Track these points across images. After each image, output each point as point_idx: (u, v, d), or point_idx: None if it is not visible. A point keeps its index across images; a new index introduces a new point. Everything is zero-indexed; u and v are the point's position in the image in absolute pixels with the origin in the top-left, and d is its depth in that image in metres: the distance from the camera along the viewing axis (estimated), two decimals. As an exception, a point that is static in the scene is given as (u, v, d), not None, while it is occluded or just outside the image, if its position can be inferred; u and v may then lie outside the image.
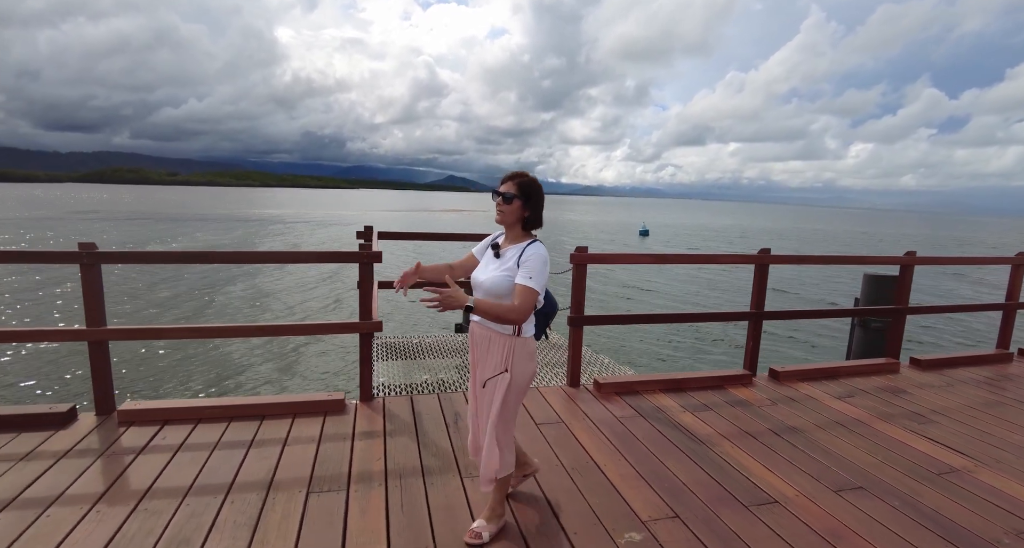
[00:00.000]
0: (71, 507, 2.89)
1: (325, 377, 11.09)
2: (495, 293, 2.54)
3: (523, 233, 2.66)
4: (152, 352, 11.97)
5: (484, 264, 2.70)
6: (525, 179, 2.60)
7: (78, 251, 3.73)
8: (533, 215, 2.63)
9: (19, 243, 32.74)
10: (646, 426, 4.17)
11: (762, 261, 5.17)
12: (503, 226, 2.67)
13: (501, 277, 2.53)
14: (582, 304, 4.69)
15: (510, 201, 2.58)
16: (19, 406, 4.00)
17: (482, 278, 2.61)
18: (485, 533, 2.69)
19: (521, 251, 2.55)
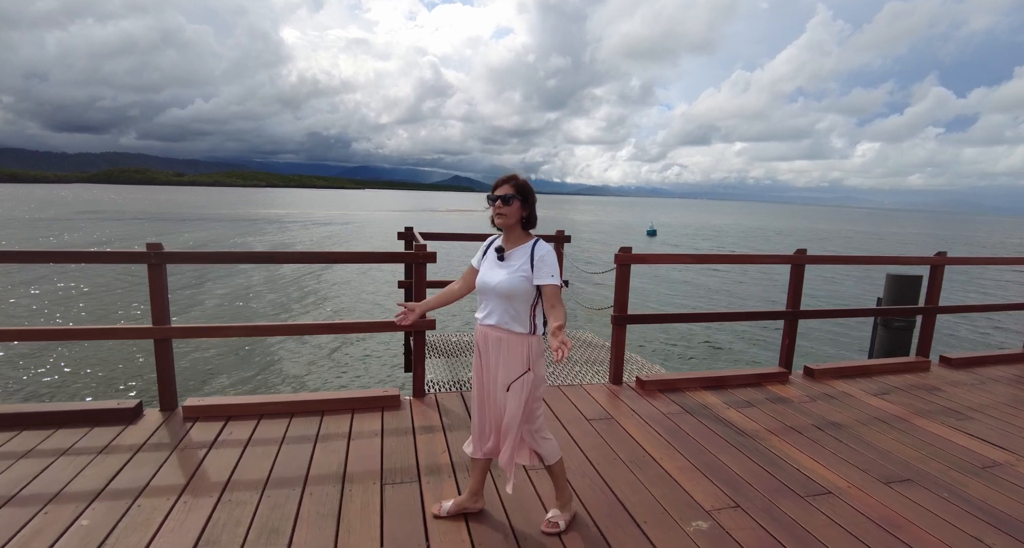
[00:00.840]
0: (158, 498, 3.02)
1: (371, 373, 11.21)
2: (509, 294, 2.58)
3: (523, 233, 2.72)
4: (196, 350, 12.12)
5: (489, 267, 2.71)
6: (519, 180, 2.65)
7: (146, 251, 3.87)
8: (530, 214, 2.69)
9: (44, 243, 33.01)
10: (693, 422, 4.29)
11: (798, 261, 5.27)
12: (504, 228, 2.70)
13: (517, 279, 2.57)
14: (626, 304, 4.81)
15: (510, 202, 2.61)
16: (89, 402, 4.13)
17: (494, 282, 2.62)
18: (561, 522, 2.80)
19: (530, 251, 2.61)
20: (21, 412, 3.89)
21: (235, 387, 10.34)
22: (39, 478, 3.19)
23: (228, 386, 10.30)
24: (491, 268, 2.70)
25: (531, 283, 2.58)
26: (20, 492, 3.05)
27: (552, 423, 4.13)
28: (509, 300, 2.60)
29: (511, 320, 2.62)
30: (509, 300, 2.60)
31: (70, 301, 16.70)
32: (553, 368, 5.48)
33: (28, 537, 2.65)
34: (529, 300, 2.63)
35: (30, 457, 3.43)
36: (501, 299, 2.61)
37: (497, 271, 2.65)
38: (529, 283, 2.58)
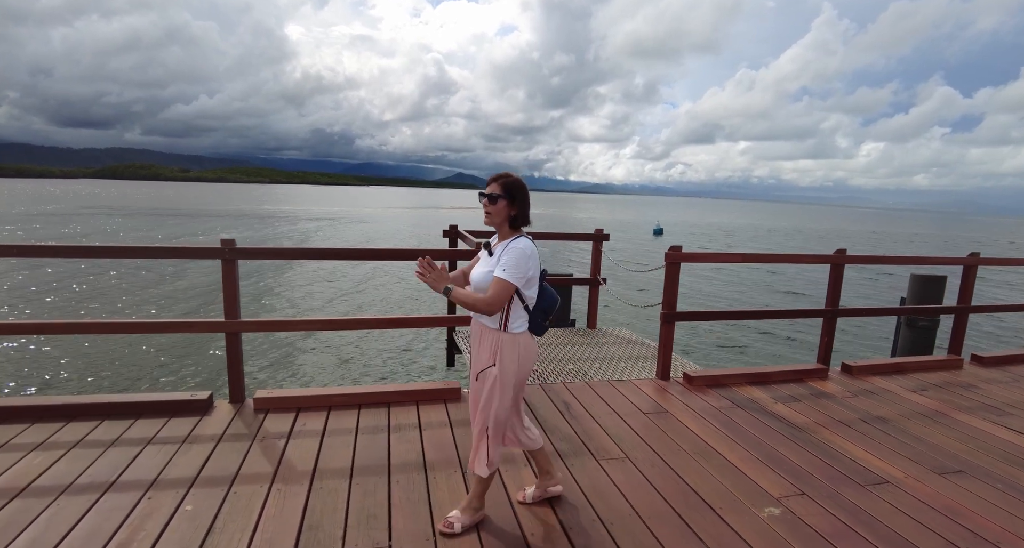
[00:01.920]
0: (251, 486, 3.16)
1: (411, 367, 11.37)
2: (482, 288, 2.62)
3: (511, 231, 2.70)
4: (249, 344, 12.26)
5: (480, 262, 2.78)
6: (509, 179, 2.64)
7: (220, 247, 4.01)
8: (519, 213, 2.67)
9: (60, 238, 33.22)
10: (745, 415, 4.43)
11: (838, 261, 5.40)
12: (492, 226, 2.73)
13: (486, 274, 2.61)
14: (675, 301, 4.94)
15: (495, 201, 2.62)
16: (165, 393, 4.28)
17: (473, 276, 2.73)
18: (457, 524, 2.77)
19: (506, 247, 2.63)
20: (102, 402, 4.05)
21: (274, 379, 10.47)
22: (134, 465, 3.33)
23: (267, 379, 10.43)
24: (480, 263, 2.76)
25: None
26: (120, 478, 3.19)
27: (611, 417, 4.27)
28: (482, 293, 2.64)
29: (484, 314, 2.67)
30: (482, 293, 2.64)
31: (108, 294, 16.89)
32: (600, 364, 5.61)
33: (140, 520, 2.80)
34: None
35: (119, 446, 3.57)
36: (479, 292, 2.65)
37: (481, 266, 2.71)
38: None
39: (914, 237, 73.37)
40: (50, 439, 3.65)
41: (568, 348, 6.14)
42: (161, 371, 10.30)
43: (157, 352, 11.42)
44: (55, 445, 3.57)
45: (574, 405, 4.45)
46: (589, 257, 6.57)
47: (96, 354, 11.19)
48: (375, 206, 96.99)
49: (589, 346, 6.25)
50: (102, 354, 11.20)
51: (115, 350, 11.49)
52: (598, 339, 6.56)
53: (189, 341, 11.99)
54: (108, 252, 4.08)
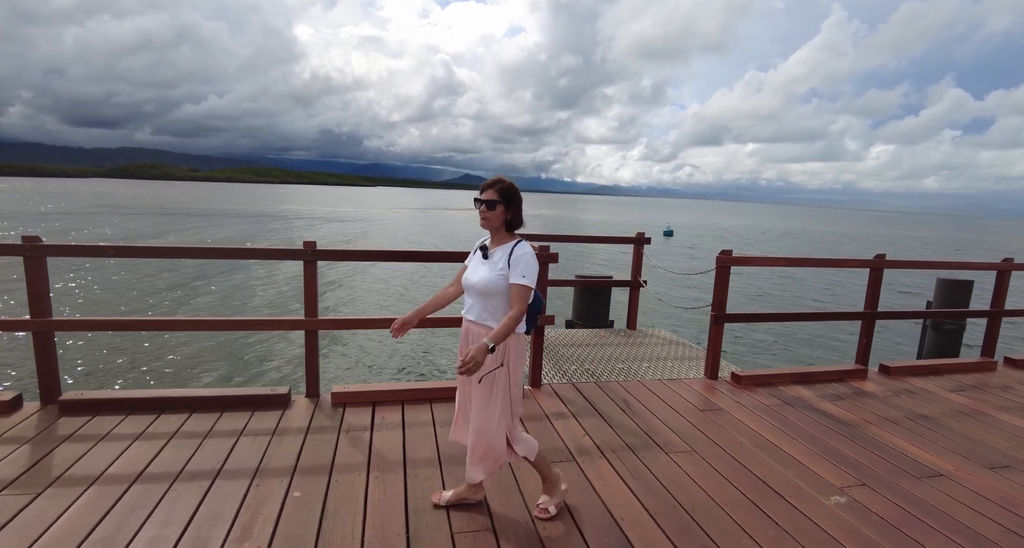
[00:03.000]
0: (350, 475, 3.38)
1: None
2: (486, 291, 2.70)
3: (508, 234, 2.81)
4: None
5: (474, 266, 2.83)
6: (504, 185, 2.73)
7: (303, 249, 4.26)
8: (515, 217, 2.78)
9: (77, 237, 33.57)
10: (796, 412, 4.64)
11: (878, 265, 5.60)
12: (489, 230, 2.82)
13: (495, 277, 2.68)
14: (725, 303, 5.16)
15: (493, 207, 2.71)
16: (247, 388, 4.53)
17: (474, 279, 2.76)
18: (551, 507, 2.96)
19: (510, 251, 2.70)
20: (190, 396, 4.30)
21: (341, 376, 10.61)
22: (234, 455, 3.56)
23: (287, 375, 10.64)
24: (476, 266, 2.81)
25: (508, 281, 2.68)
26: (225, 467, 3.42)
27: (669, 413, 4.49)
28: (487, 297, 2.72)
29: (489, 316, 2.74)
30: (487, 297, 2.72)
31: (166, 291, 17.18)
32: (648, 364, 5.82)
33: (256, 505, 3.02)
34: (506, 298, 2.71)
35: (214, 437, 3.81)
36: (480, 296, 2.75)
37: (480, 269, 2.77)
38: (506, 281, 2.67)
39: (928, 241, 73.18)
40: (148, 430, 3.89)
41: (613, 348, 6.36)
42: (232, 367, 10.45)
43: (228, 349, 11.58)
44: (154, 436, 3.80)
45: (632, 402, 4.67)
46: (600, 258, 6.74)
47: (176, 350, 11.41)
48: (392, 208, 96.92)
49: (633, 346, 6.47)
50: (180, 350, 11.41)
51: (183, 346, 11.68)
52: (640, 340, 6.78)
53: (256, 338, 12.06)
54: (197, 253, 4.37)
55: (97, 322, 4.41)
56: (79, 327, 4.49)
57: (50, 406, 4.21)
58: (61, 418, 4.03)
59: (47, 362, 4.25)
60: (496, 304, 2.72)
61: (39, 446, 3.61)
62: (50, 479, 3.22)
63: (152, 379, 9.71)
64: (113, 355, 10.85)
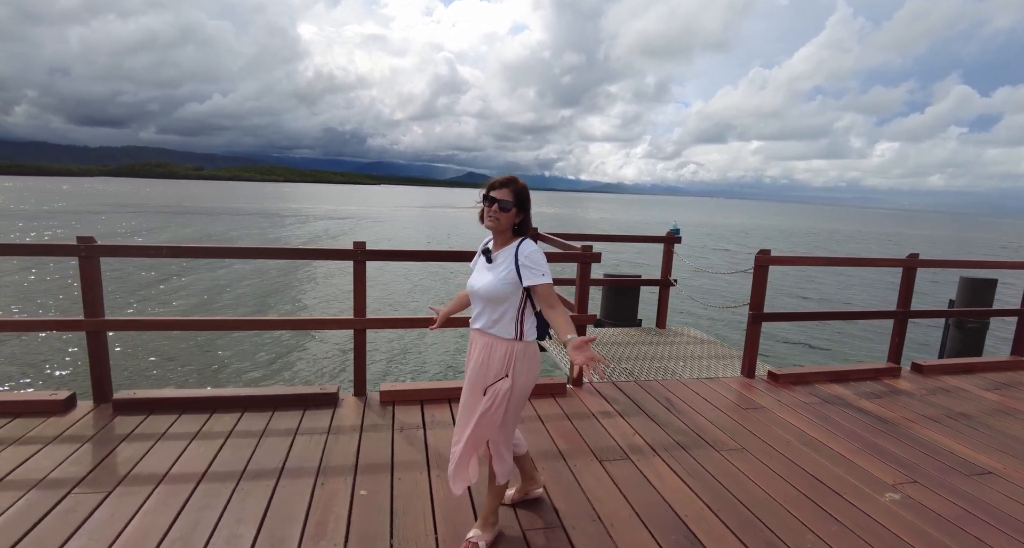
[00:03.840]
0: (411, 472, 3.41)
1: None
2: (492, 298, 2.54)
3: (512, 236, 2.64)
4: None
5: (478, 271, 2.68)
6: (519, 186, 2.56)
7: (353, 249, 4.32)
8: (524, 220, 2.62)
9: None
10: (837, 410, 4.69)
11: (910, 265, 5.63)
12: (493, 232, 2.64)
13: (500, 282, 2.51)
14: (762, 302, 5.21)
15: (508, 209, 2.53)
16: (297, 387, 4.59)
17: (478, 285, 2.60)
18: (482, 543, 2.71)
19: (514, 252, 2.53)
20: (241, 395, 4.36)
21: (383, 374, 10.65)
22: (293, 454, 3.62)
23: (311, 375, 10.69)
24: (479, 271, 2.66)
25: (516, 286, 2.51)
26: (287, 465, 3.47)
27: (713, 411, 4.55)
28: (493, 304, 2.55)
29: (494, 324, 2.57)
30: (493, 304, 2.55)
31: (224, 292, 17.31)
32: (683, 363, 5.87)
33: (325, 504, 3.07)
34: (515, 304, 2.55)
35: (271, 436, 3.87)
36: (486, 302, 2.58)
37: (484, 274, 2.61)
38: (513, 286, 2.51)
39: (937, 239, 72.93)
40: (203, 429, 3.95)
41: (646, 347, 6.41)
42: (264, 367, 10.49)
43: (263, 349, 11.60)
44: (211, 435, 3.87)
45: (676, 401, 4.72)
46: (621, 257, 6.76)
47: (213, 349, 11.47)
48: (400, 206, 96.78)
49: (664, 345, 6.52)
50: (222, 348, 11.48)
51: (226, 345, 11.75)
52: (670, 338, 6.83)
53: (293, 338, 12.05)
54: (249, 253, 4.45)
55: (148, 322, 4.48)
56: (131, 327, 4.56)
57: (103, 405, 4.28)
58: (116, 417, 4.09)
59: (100, 361, 4.32)
60: (503, 311, 2.55)
61: (100, 445, 3.67)
62: (117, 478, 3.28)
63: (188, 377, 9.80)
64: (149, 354, 10.94)
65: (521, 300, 2.55)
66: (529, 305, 2.58)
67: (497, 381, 2.57)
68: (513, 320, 2.55)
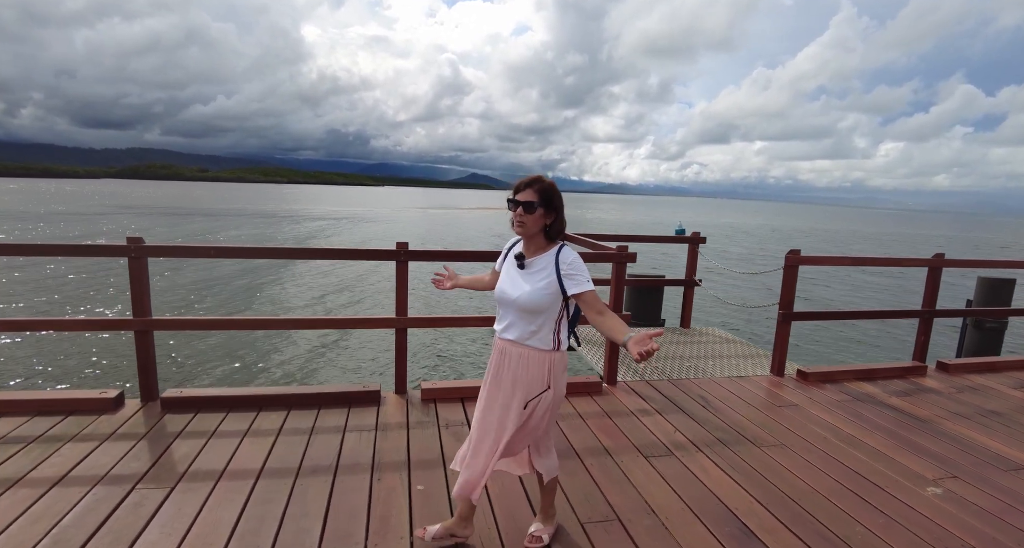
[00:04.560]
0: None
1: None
2: (532, 309, 2.39)
3: (547, 242, 2.47)
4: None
5: (510, 278, 2.50)
6: (545, 184, 2.39)
7: (396, 250, 4.41)
8: (556, 223, 2.44)
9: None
10: (869, 408, 4.77)
11: (936, 264, 5.71)
12: (524, 237, 2.49)
13: (540, 292, 2.38)
14: (792, 301, 5.29)
15: (532, 210, 2.36)
16: (342, 384, 4.69)
17: (514, 294, 2.43)
18: (545, 536, 2.75)
19: (555, 259, 2.40)
20: (287, 394, 4.47)
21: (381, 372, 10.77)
22: (346, 451, 3.70)
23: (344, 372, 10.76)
24: (512, 277, 2.49)
25: (557, 296, 2.39)
26: (340, 462, 3.56)
27: (749, 409, 4.63)
28: (532, 315, 2.41)
29: (531, 335, 2.43)
30: (532, 315, 2.41)
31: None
32: (712, 362, 5.96)
33: (385, 499, 3.14)
34: (554, 315, 2.43)
35: (320, 433, 3.96)
36: (522, 313, 2.42)
37: (518, 282, 2.44)
38: (554, 297, 2.38)
39: (947, 239, 72.75)
40: (253, 427, 4.04)
41: (673, 346, 6.50)
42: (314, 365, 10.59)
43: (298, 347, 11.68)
44: (261, 432, 3.96)
45: (710, 399, 4.81)
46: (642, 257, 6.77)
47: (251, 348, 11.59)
48: (406, 207, 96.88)
49: (691, 344, 6.61)
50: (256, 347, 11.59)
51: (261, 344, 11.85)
52: (695, 338, 6.91)
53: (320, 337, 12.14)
54: (293, 253, 4.57)
55: (194, 321, 4.57)
56: (177, 326, 4.66)
57: (150, 403, 4.38)
58: (165, 415, 4.19)
59: (147, 360, 4.42)
60: (542, 322, 2.42)
61: (155, 442, 3.77)
62: (177, 474, 3.36)
63: (221, 376, 9.91)
64: (183, 354, 11.08)
65: (561, 310, 2.44)
66: (566, 314, 2.48)
67: (541, 393, 2.46)
68: (552, 331, 2.44)
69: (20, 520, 2.84)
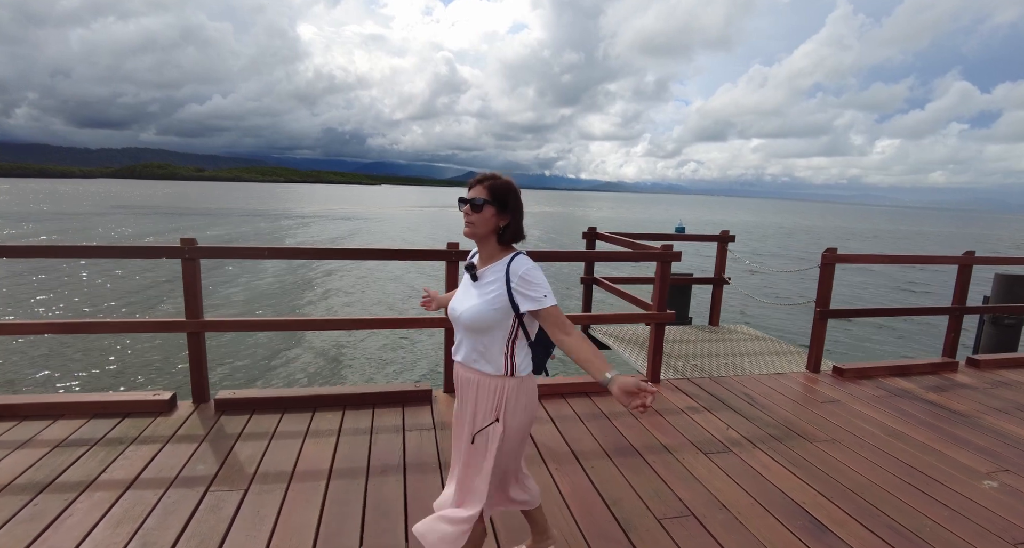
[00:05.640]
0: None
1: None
2: (476, 326, 2.08)
3: (500, 248, 2.16)
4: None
5: (462, 291, 2.22)
6: (499, 182, 2.11)
7: (447, 250, 4.48)
8: (511, 225, 2.12)
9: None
10: (909, 403, 4.87)
11: (966, 262, 5.81)
12: (475, 240, 2.18)
13: (486, 307, 2.06)
14: (829, 300, 5.38)
15: (480, 208, 2.06)
16: (396, 384, 4.76)
17: (460, 310, 2.13)
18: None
19: (505, 270, 2.07)
20: (340, 393, 4.52)
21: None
22: (410, 449, 3.75)
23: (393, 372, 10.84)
24: (463, 291, 2.21)
25: (506, 312, 2.06)
26: (407, 460, 3.61)
27: (793, 405, 4.72)
28: (478, 333, 2.10)
29: (479, 357, 2.13)
30: (478, 333, 2.10)
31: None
32: (748, 359, 6.04)
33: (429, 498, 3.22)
34: (504, 333, 2.09)
35: (380, 433, 4.01)
36: (469, 331, 2.13)
37: (467, 295, 2.16)
38: (502, 312, 2.06)
39: (951, 236, 72.96)
40: (312, 427, 4.10)
41: (705, 344, 6.59)
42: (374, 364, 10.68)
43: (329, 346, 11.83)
44: (321, 433, 4.00)
45: (755, 396, 4.90)
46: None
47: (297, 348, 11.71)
48: (406, 205, 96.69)
49: (722, 342, 6.69)
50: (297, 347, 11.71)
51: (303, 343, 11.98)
52: (725, 336, 7.00)
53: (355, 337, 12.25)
54: (348, 255, 4.66)
55: (246, 322, 4.63)
56: (229, 328, 4.72)
57: (203, 405, 4.43)
58: (221, 416, 4.24)
59: (199, 362, 4.47)
60: (489, 342, 2.10)
61: (217, 443, 3.81)
62: (247, 476, 3.40)
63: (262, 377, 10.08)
64: (223, 354, 11.23)
65: (512, 328, 2.09)
66: (522, 334, 2.12)
67: (486, 426, 2.14)
68: (502, 353, 2.10)
69: (101, 524, 2.88)
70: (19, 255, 4.34)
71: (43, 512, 2.96)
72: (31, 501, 3.06)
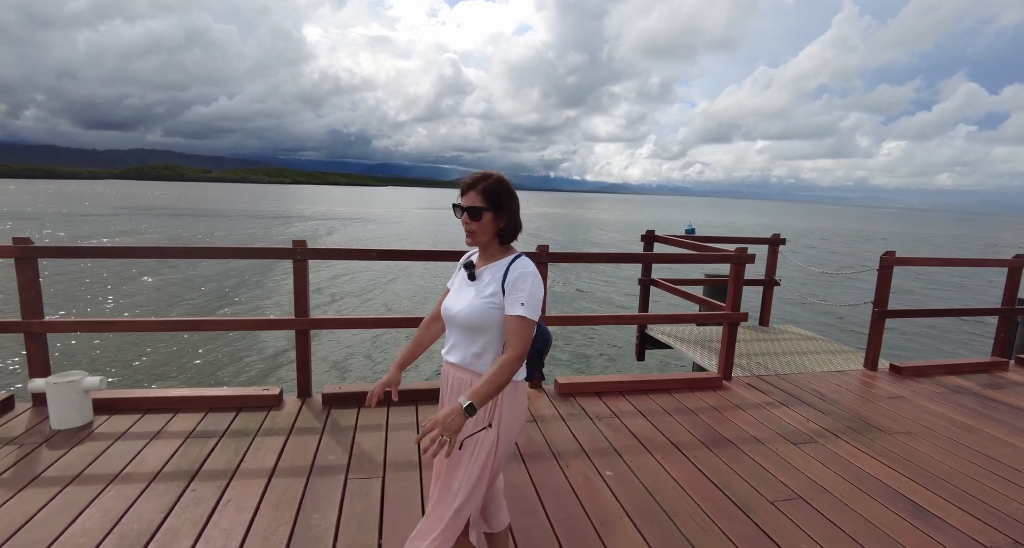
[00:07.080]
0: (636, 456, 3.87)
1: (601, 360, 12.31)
2: (472, 326, 2.05)
3: (501, 248, 2.15)
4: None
5: (456, 290, 2.19)
6: (490, 182, 2.04)
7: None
8: (509, 225, 2.09)
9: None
10: (970, 399, 5.15)
11: (1016, 265, 6.07)
12: (477, 245, 2.15)
13: (481, 305, 2.03)
14: (887, 300, 5.67)
15: (478, 216, 2.03)
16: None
17: (455, 308, 2.10)
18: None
19: (504, 270, 2.06)
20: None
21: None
22: (523, 439, 4.06)
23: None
24: (459, 290, 2.17)
25: (503, 311, 2.02)
26: (522, 451, 3.91)
27: (861, 401, 5.02)
28: (473, 333, 2.07)
29: (474, 359, 2.08)
30: (473, 333, 2.07)
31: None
32: (805, 358, 6.34)
33: (583, 485, 3.51)
34: (499, 334, 2.06)
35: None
36: (463, 331, 2.09)
37: (464, 294, 2.12)
38: (499, 311, 2.03)
39: (960, 238, 72.82)
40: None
41: (760, 343, 6.88)
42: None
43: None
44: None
45: (824, 392, 5.19)
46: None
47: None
48: (416, 207, 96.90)
49: (777, 341, 6.99)
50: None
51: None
52: (778, 335, 7.29)
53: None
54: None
55: (349, 320, 4.90)
56: (332, 326, 5.02)
57: (308, 399, 4.69)
58: (331, 410, 4.48)
59: (305, 358, 4.73)
60: (486, 342, 2.07)
61: (337, 435, 4.05)
62: (378, 464, 3.62)
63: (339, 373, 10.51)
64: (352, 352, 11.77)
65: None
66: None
67: (477, 431, 2.04)
68: (497, 355, 2.06)
69: (262, 508, 3.10)
70: (129, 256, 4.67)
71: (203, 498, 3.18)
72: (188, 487, 3.30)
